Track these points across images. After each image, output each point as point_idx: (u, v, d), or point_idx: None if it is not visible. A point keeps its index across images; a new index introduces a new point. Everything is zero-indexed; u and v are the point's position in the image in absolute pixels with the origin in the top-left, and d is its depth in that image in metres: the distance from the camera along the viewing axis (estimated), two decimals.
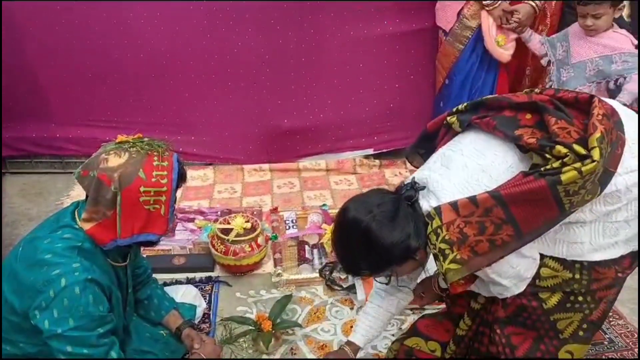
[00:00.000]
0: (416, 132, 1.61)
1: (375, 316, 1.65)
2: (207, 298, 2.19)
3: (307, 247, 2.46)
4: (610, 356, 1.94)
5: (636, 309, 2.14)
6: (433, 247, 1.23)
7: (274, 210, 2.79)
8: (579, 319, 1.41)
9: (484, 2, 2.51)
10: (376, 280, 1.44)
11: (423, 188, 1.28)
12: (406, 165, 3.32)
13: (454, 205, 1.18)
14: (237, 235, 2.28)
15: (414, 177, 1.34)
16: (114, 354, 1.39)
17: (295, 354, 1.94)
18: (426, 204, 1.26)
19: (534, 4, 2.51)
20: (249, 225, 2.33)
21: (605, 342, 2.00)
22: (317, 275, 2.30)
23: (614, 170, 1.20)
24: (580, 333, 1.46)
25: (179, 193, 2.90)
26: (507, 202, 1.14)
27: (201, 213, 2.75)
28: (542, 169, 1.14)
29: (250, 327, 1.93)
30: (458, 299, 1.65)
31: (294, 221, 2.65)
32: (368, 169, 3.29)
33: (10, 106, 3.03)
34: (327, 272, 2.30)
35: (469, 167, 1.26)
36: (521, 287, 1.34)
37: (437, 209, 1.20)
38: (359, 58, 3.09)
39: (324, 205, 2.84)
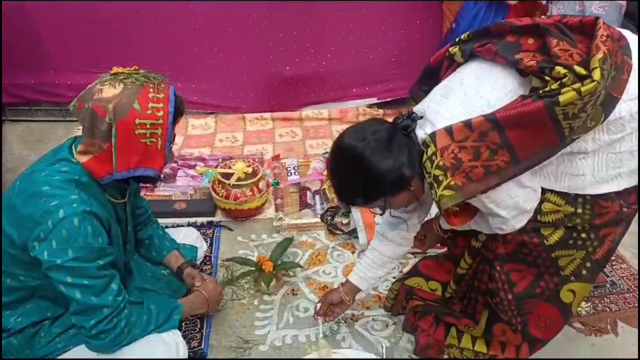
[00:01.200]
0: None
1: (373, 259, 1.65)
2: (209, 242, 2.19)
3: (309, 193, 2.44)
4: (613, 299, 1.93)
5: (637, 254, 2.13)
6: (428, 175, 1.20)
7: (276, 157, 2.76)
8: (582, 257, 1.38)
9: None
10: (371, 211, 1.42)
11: (420, 117, 1.25)
12: None
13: (448, 130, 1.15)
14: (238, 179, 2.26)
15: (412, 109, 1.30)
16: (114, 286, 1.38)
17: (296, 294, 1.95)
18: (422, 132, 1.23)
19: None
20: (250, 170, 2.30)
21: (608, 285, 2.00)
22: (319, 220, 2.29)
23: (618, 96, 1.15)
24: (584, 272, 1.44)
25: (180, 140, 2.96)
26: (503, 125, 1.10)
27: (202, 160, 2.72)
28: (540, 91, 1.09)
29: (252, 268, 1.93)
30: (459, 239, 1.63)
31: (296, 168, 2.63)
32: (371, 117, 3.24)
33: (8, 53, 2.97)
34: (329, 217, 2.29)
35: (468, 94, 1.22)
36: (522, 221, 1.31)
37: (432, 135, 1.17)
38: (363, 3, 3.00)
39: (326, 152, 2.81)
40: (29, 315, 1.46)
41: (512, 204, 1.24)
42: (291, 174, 2.58)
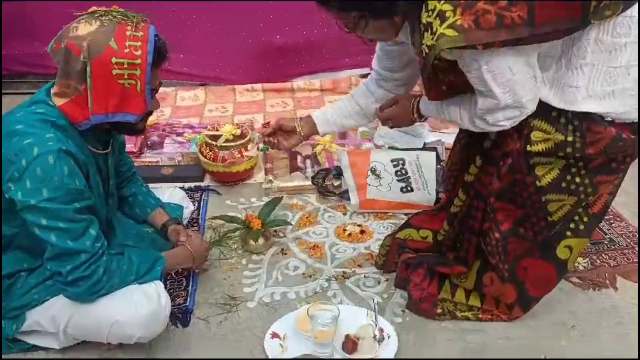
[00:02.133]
0: None
1: (345, 105, 1.66)
2: (196, 205, 2.13)
3: (299, 157, 2.38)
4: (612, 255, 1.88)
5: (636, 212, 2.08)
6: (428, 14, 1.10)
7: (266, 124, 2.69)
8: (572, 203, 1.33)
9: None
10: (339, 26, 1.31)
11: None
12: None
13: None
14: (226, 141, 2.19)
15: None
16: (92, 232, 1.31)
17: (285, 254, 1.89)
18: None
19: None
20: (238, 132, 2.24)
21: (606, 242, 1.94)
22: (310, 182, 2.23)
23: None
24: (581, 227, 1.39)
25: (168, 111, 2.89)
26: None
27: (190, 127, 2.66)
28: None
29: (239, 226, 1.87)
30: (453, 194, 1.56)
31: None
32: None
33: None
34: (320, 180, 2.23)
35: None
36: (510, 117, 1.21)
37: None
38: None
39: None
40: (4, 266, 1.40)
41: (509, 81, 1.14)
42: None
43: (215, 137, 2.21)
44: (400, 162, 2.18)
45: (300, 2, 2.97)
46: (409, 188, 2.10)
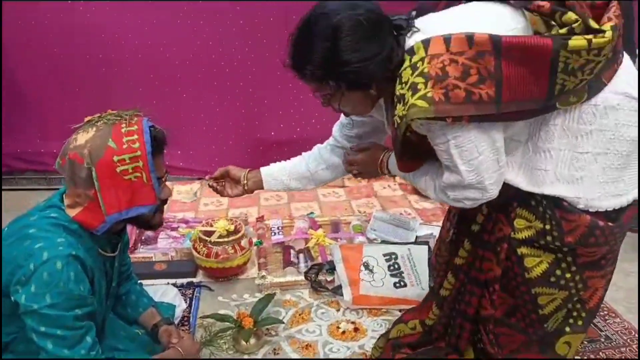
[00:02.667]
0: None
1: (295, 165, 1.65)
2: (188, 302, 2.11)
3: (292, 252, 2.39)
4: (609, 353, 1.86)
5: (632, 307, 2.07)
6: (401, 86, 1.13)
7: (260, 218, 2.74)
8: (563, 297, 1.32)
9: None
10: (315, 95, 1.29)
11: (417, 30, 1.19)
12: (395, 179, 3.30)
13: (446, 39, 1.09)
14: (220, 236, 2.21)
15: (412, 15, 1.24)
16: (89, 339, 1.29)
17: (278, 354, 1.85)
18: (412, 40, 1.17)
19: None
20: (232, 227, 2.27)
21: (602, 339, 1.92)
22: (303, 277, 2.23)
23: (605, 82, 1.16)
24: (579, 322, 1.37)
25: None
26: (503, 52, 1.07)
27: (185, 222, 2.69)
28: (546, 34, 1.10)
29: (231, 325, 1.84)
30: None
31: (280, 228, 2.60)
32: (357, 182, 3.26)
33: None
34: (313, 275, 2.23)
35: (472, 17, 1.18)
36: (470, 196, 1.21)
37: (426, 41, 1.11)
38: None
39: (311, 213, 2.79)
40: None
41: (475, 160, 1.16)
42: (275, 233, 2.55)
43: (209, 233, 2.23)
44: (393, 256, 2.20)
45: (294, 99, 3.13)
46: (402, 283, 2.10)
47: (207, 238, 2.20)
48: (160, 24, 2.96)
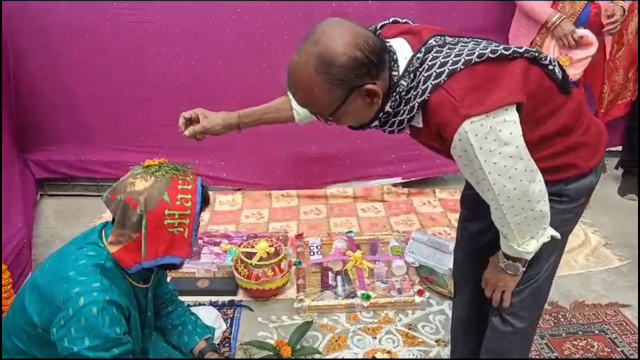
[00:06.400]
0: (446, 161, 1.43)
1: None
2: (229, 322, 2.19)
3: (330, 274, 2.43)
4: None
5: None
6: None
7: (299, 236, 2.78)
8: None
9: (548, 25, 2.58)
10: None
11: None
12: (435, 193, 3.28)
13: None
14: (261, 259, 2.28)
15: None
16: None
17: None
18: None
19: (623, 4, 2.59)
20: (272, 249, 2.33)
21: None
22: (340, 302, 2.26)
23: None
24: None
25: (206, 216, 3.02)
26: None
27: (227, 237, 2.77)
28: None
29: (270, 353, 1.90)
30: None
31: (319, 247, 2.63)
32: (396, 196, 3.27)
33: (48, 130, 3.18)
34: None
35: None
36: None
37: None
38: None
39: (350, 232, 2.82)
40: None
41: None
42: (314, 253, 2.59)
43: (250, 255, 2.30)
44: None
45: None
46: None
47: (248, 260, 2.27)
48: (201, 36, 3.01)
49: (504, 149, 1.12)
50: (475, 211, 1.49)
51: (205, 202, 1.49)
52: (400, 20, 1.32)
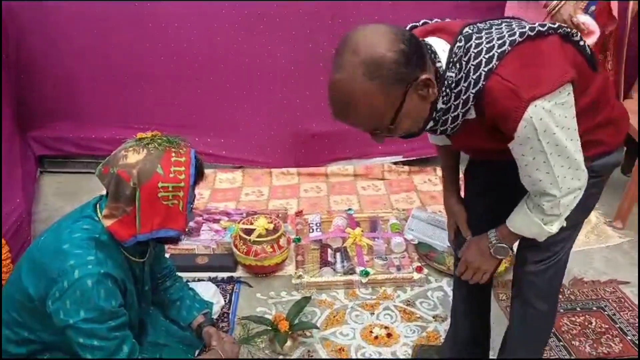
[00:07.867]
0: None
1: None
2: (228, 297, 2.20)
3: (329, 251, 2.43)
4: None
5: None
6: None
7: (299, 213, 2.78)
8: None
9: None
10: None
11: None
12: (436, 171, 3.27)
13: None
14: (259, 235, 2.28)
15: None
16: (125, 348, 1.39)
17: (311, 356, 1.91)
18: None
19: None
20: (271, 226, 2.32)
21: None
22: (339, 278, 2.27)
23: None
24: None
25: (206, 194, 3.02)
26: None
27: (227, 214, 2.76)
28: None
29: (267, 327, 1.91)
30: None
31: (318, 224, 2.63)
32: (397, 175, 3.25)
33: (48, 107, 3.16)
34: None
35: None
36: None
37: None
38: None
39: (350, 209, 2.81)
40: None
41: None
42: (313, 230, 2.58)
43: (249, 231, 2.30)
44: None
45: None
46: None
47: (246, 237, 2.27)
48: (206, 15, 2.98)
49: (563, 128, 1.12)
50: (486, 186, 1.51)
51: (199, 174, 1.47)
52: (417, 24, 1.27)
